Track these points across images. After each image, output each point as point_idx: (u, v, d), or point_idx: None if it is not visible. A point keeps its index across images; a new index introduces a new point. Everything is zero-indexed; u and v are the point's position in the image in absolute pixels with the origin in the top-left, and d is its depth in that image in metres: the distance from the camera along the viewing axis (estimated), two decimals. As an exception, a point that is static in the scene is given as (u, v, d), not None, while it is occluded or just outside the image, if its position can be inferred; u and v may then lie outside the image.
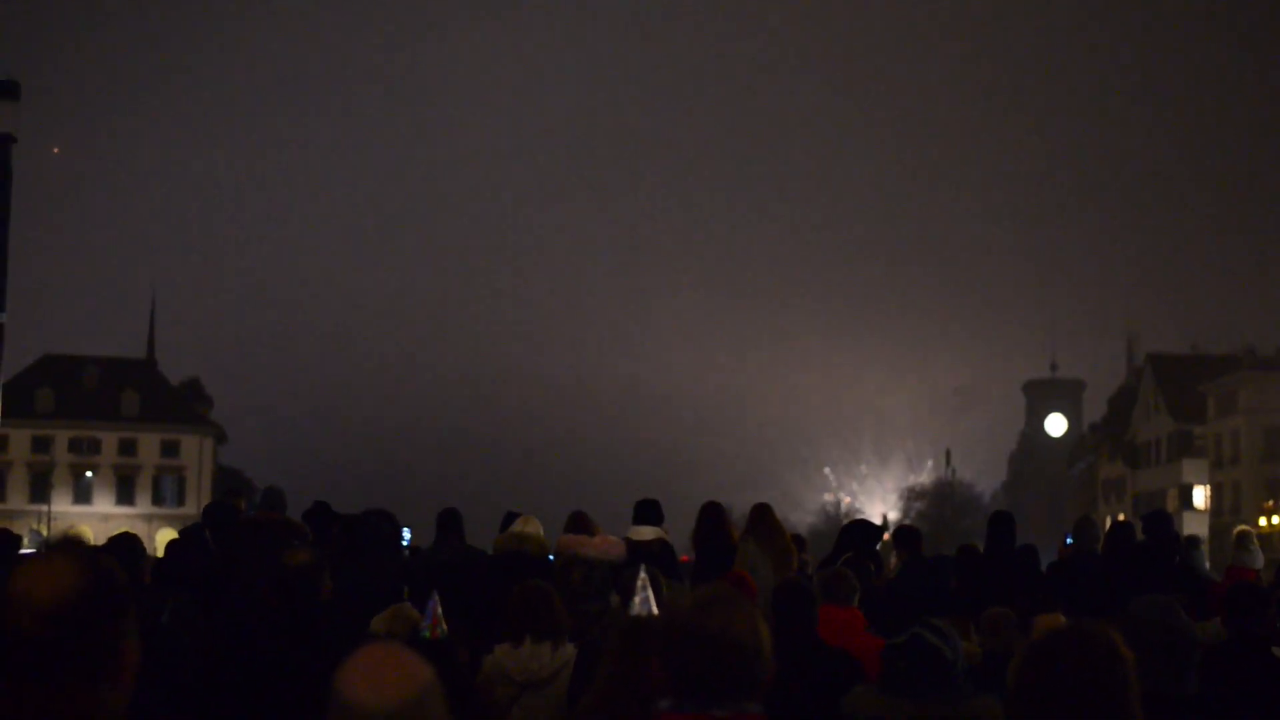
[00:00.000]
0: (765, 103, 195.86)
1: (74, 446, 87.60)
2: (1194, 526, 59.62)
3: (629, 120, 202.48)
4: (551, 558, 8.89)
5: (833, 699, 4.98)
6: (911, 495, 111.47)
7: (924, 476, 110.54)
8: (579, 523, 9.14)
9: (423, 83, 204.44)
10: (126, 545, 7.73)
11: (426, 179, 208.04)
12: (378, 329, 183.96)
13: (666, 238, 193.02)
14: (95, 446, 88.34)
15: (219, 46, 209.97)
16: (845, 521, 10.57)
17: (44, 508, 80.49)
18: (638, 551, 8.87)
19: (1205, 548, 11.11)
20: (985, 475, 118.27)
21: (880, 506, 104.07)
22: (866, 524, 10.29)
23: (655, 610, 5.98)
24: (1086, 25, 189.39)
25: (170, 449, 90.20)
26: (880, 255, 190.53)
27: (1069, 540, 11.02)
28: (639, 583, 4.95)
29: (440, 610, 5.03)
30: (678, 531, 9.62)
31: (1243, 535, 10.64)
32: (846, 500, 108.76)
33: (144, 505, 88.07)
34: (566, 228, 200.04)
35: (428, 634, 4.77)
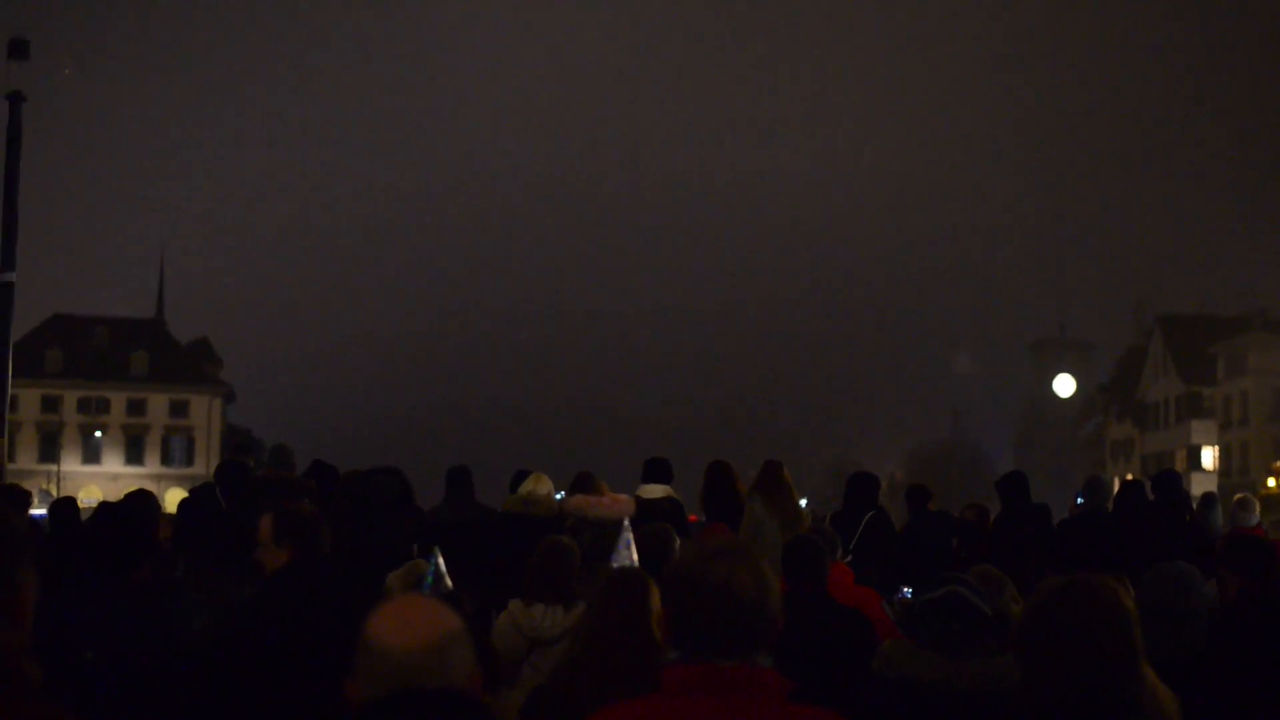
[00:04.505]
0: (769, 52, 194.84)
1: (83, 406, 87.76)
2: (1202, 487, 59.48)
3: (625, 48, 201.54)
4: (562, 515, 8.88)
5: (846, 657, 4.98)
6: (920, 455, 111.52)
7: (933, 436, 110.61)
8: (585, 483, 9.11)
9: (432, 29, 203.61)
10: (141, 501, 7.80)
11: (436, 140, 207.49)
12: (387, 289, 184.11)
13: (674, 185, 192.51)
14: (104, 406, 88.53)
15: (226, 5, 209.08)
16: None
17: (53, 468, 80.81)
18: (647, 509, 8.86)
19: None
20: (993, 436, 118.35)
21: (889, 466, 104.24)
22: (870, 475, 10.39)
23: (636, 562, 5.98)
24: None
25: (179, 409, 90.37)
26: (891, 214, 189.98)
27: (1079, 499, 11.10)
28: (622, 539, 4.93)
29: (444, 567, 5.01)
30: (688, 491, 9.61)
31: (1243, 500, 11.11)
32: (858, 459, 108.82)
33: (153, 465, 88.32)
34: (580, 173, 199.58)
35: (428, 590, 4.75)
